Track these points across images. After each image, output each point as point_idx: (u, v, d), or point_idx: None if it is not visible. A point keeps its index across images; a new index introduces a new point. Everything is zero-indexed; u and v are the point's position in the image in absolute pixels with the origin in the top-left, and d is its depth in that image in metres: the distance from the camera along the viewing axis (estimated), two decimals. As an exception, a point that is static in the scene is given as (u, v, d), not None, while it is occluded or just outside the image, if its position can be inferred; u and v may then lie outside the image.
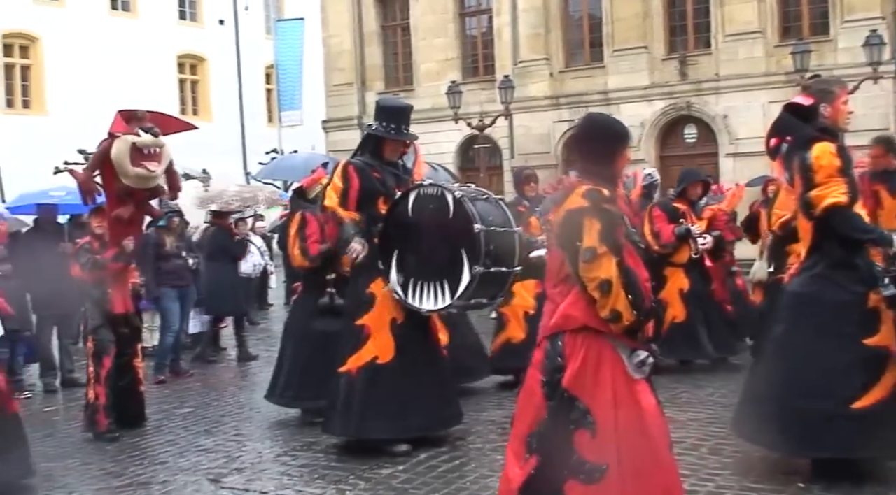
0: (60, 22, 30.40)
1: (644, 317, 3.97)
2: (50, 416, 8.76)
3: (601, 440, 3.91)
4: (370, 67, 27.59)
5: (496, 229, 6.22)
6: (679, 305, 9.05)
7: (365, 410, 6.34)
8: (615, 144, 4.16)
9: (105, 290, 7.57)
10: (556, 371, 4.02)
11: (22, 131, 28.30)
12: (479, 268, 6.06)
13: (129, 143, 6.99)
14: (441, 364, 6.77)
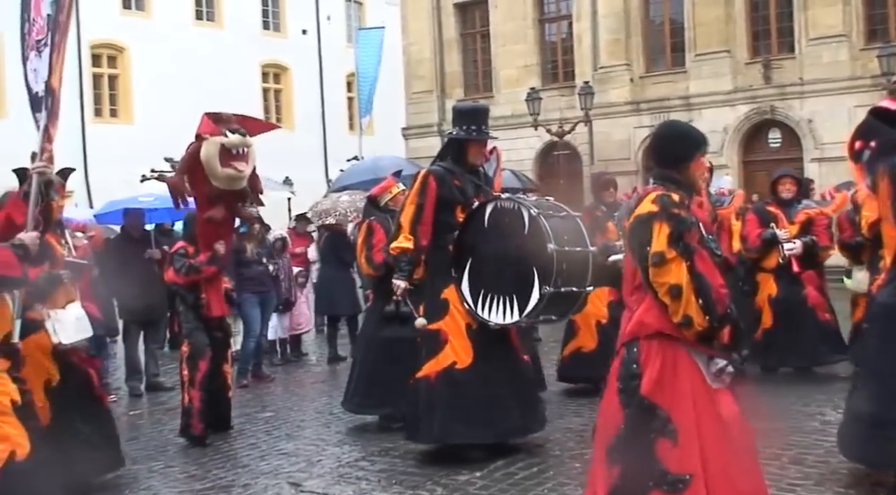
0: (147, 32, 31.16)
1: (718, 323, 3.90)
2: (135, 420, 8.97)
3: (684, 449, 3.86)
4: (450, 75, 27.70)
5: (570, 249, 6.19)
6: (767, 311, 8.86)
7: (447, 415, 6.31)
8: (689, 150, 4.14)
9: (199, 295, 7.70)
10: (631, 378, 3.99)
11: (109, 140, 29.09)
12: (548, 289, 6.05)
13: (218, 144, 7.04)
14: (521, 368, 6.73)
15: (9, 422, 4.50)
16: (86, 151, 29.74)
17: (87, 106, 30.21)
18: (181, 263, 7.64)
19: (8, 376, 4.60)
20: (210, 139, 7.07)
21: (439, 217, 6.51)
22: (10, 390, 4.57)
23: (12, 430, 4.50)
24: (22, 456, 4.50)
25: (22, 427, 4.56)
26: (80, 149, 29.63)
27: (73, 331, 5.98)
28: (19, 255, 4.57)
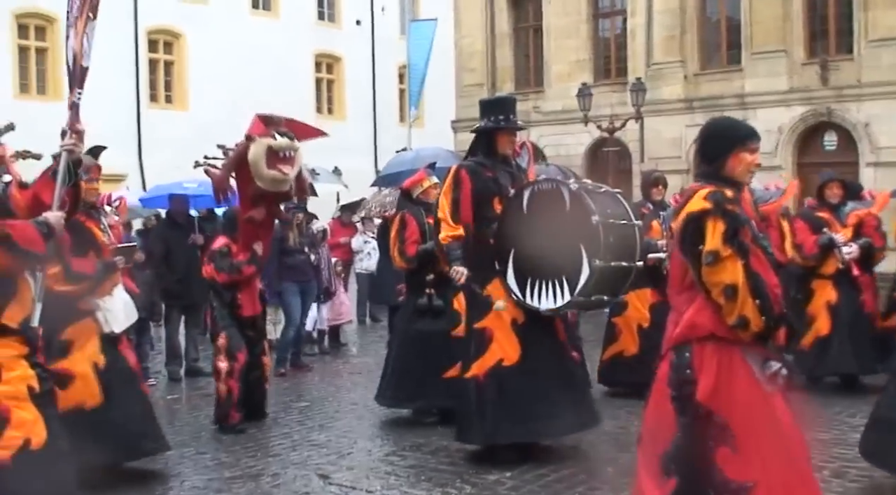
0: (204, 20, 31.37)
1: (774, 324, 3.75)
2: (172, 404, 9.01)
3: (744, 456, 3.72)
4: (501, 68, 27.53)
5: (615, 221, 6.04)
6: (825, 319, 8.61)
7: (498, 415, 6.20)
8: (727, 145, 3.96)
9: (235, 294, 7.71)
10: (685, 384, 3.82)
11: (164, 125, 29.38)
12: (598, 262, 5.89)
13: (266, 146, 7.06)
14: (572, 362, 6.63)
15: (25, 409, 4.47)
16: (140, 136, 30.11)
17: (143, 91, 30.51)
18: (223, 262, 7.64)
19: (27, 362, 4.59)
20: (258, 140, 7.09)
21: (477, 211, 6.41)
22: (27, 376, 4.55)
23: (28, 417, 4.47)
24: (37, 444, 4.47)
25: (39, 414, 4.55)
26: (135, 133, 30.01)
27: (122, 317, 6.08)
28: (43, 233, 4.57)
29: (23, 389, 4.49)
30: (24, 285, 4.61)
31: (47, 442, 4.51)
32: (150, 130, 29.85)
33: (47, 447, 4.51)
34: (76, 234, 5.87)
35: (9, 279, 4.54)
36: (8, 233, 4.41)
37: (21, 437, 4.43)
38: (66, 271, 5.76)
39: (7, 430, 4.40)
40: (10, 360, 4.49)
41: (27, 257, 4.52)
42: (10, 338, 4.49)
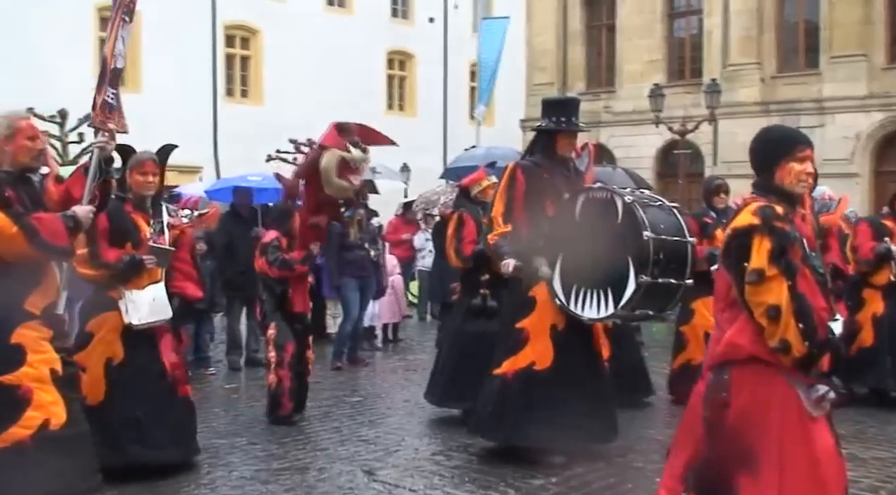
0: (280, 16, 31.69)
1: (818, 350, 3.57)
2: (229, 394, 9.13)
3: (764, 484, 3.59)
4: (572, 67, 27.37)
5: (667, 238, 5.92)
6: (869, 330, 8.40)
7: (518, 416, 6.18)
8: (774, 155, 3.79)
9: (286, 289, 7.78)
10: (719, 407, 3.69)
11: (239, 119, 29.76)
12: (645, 278, 5.79)
13: (339, 157, 7.12)
14: (602, 375, 6.52)
15: (46, 391, 4.59)
16: (216, 130, 30.54)
17: (220, 86, 30.99)
18: (275, 256, 7.70)
19: (50, 345, 4.70)
20: (332, 150, 7.16)
21: (529, 212, 6.36)
22: (51, 359, 4.66)
23: (49, 398, 4.58)
24: (56, 425, 4.58)
25: (60, 397, 4.65)
26: (212, 127, 30.47)
27: (146, 312, 5.95)
28: (69, 226, 4.67)
29: (45, 372, 4.61)
30: (49, 274, 4.73)
31: (67, 423, 4.62)
32: (226, 124, 30.26)
33: (66, 428, 4.62)
34: (117, 224, 5.94)
35: (34, 268, 4.66)
36: (35, 226, 4.52)
37: (41, 418, 4.55)
38: (93, 255, 5.82)
39: (28, 411, 4.53)
40: (34, 343, 4.62)
41: (51, 249, 4.61)
42: (34, 322, 4.61)
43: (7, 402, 4.53)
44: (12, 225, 4.46)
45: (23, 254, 4.53)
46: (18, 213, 4.53)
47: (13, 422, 4.51)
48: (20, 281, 4.60)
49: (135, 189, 6.08)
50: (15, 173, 4.71)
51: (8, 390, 4.54)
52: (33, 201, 4.74)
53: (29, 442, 4.51)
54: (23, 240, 4.48)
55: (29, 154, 4.74)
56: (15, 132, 4.69)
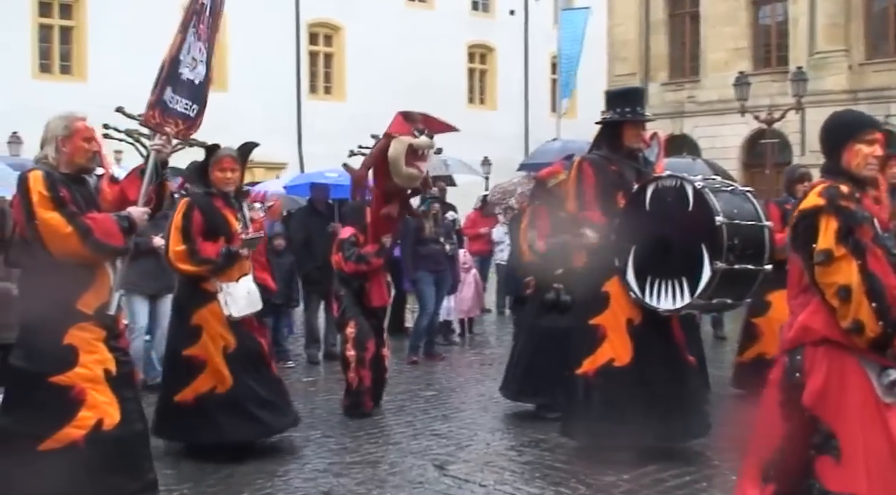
0: (362, 12, 31.96)
1: (893, 330, 3.49)
2: (307, 387, 9.21)
3: (847, 467, 3.51)
4: (655, 57, 26.97)
5: (741, 222, 5.75)
6: None
7: (603, 415, 6.07)
8: (841, 138, 3.73)
9: (363, 284, 7.82)
10: (793, 388, 3.65)
11: (322, 116, 30.14)
12: (720, 265, 5.64)
13: (407, 144, 7.14)
14: (685, 369, 6.38)
15: (99, 391, 4.65)
16: (300, 126, 31.02)
17: (304, 83, 31.43)
18: (351, 252, 7.75)
19: (104, 346, 4.77)
20: (399, 138, 7.18)
21: (600, 205, 6.25)
22: (104, 359, 4.72)
23: (102, 399, 4.64)
24: (110, 425, 4.64)
25: (114, 397, 4.72)
26: (296, 123, 30.96)
27: (243, 304, 6.22)
28: (123, 227, 4.73)
29: (99, 372, 4.67)
30: (102, 275, 4.79)
31: (120, 423, 4.68)
32: (309, 121, 30.69)
33: (120, 428, 4.68)
34: (210, 219, 6.15)
35: (87, 268, 4.73)
36: (89, 225, 4.59)
37: (94, 418, 4.61)
38: (191, 252, 6.03)
39: (81, 411, 4.60)
40: (88, 344, 4.68)
41: (105, 249, 4.68)
42: (87, 323, 4.68)
43: (60, 403, 4.61)
44: (66, 224, 4.54)
45: (76, 254, 4.60)
46: (72, 213, 4.59)
47: (67, 422, 4.59)
48: (73, 281, 4.67)
49: (216, 184, 6.29)
50: (71, 174, 4.78)
51: (61, 390, 4.61)
52: (87, 202, 4.82)
53: (82, 442, 4.59)
54: (76, 239, 4.55)
55: (85, 155, 4.81)
56: (72, 133, 4.76)
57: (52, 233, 4.53)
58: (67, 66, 27.20)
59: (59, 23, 27.21)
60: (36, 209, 4.55)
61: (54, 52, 27.09)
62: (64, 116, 4.84)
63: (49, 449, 4.58)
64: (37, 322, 4.67)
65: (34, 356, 4.68)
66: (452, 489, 5.67)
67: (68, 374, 4.62)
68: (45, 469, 4.58)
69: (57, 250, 4.56)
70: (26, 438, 4.61)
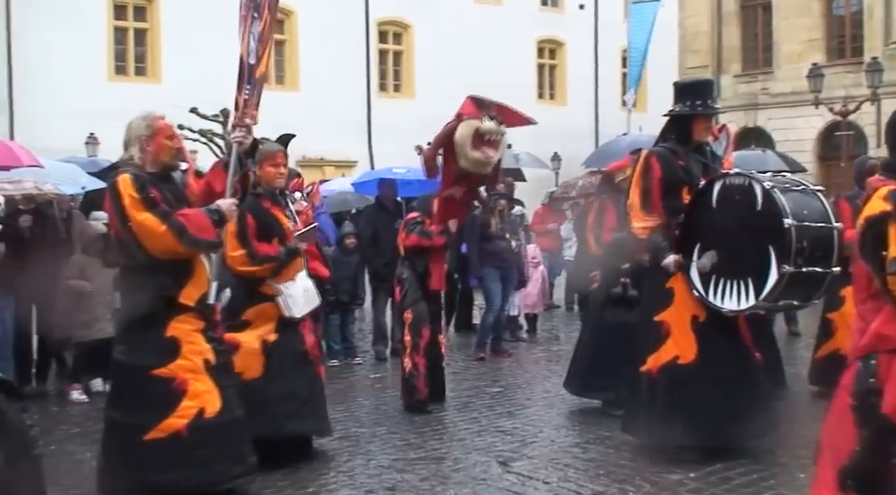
0: (431, 10, 32.07)
1: None
2: (374, 384, 9.29)
3: None
4: (727, 48, 26.53)
5: (810, 224, 5.63)
6: None
7: (667, 413, 5.99)
8: None
9: (427, 265, 7.85)
10: (868, 394, 3.52)
11: (392, 113, 30.33)
12: (788, 268, 5.53)
13: (474, 128, 7.13)
14: (751, 366, 6.28)
15: (200, 380, 4.79)
16: (370, 124, 31.25)
17: (373, 80, 31.65)
18: (414, 226, 7.80)
19: (203, 336, 4.88)
20: (467, 120, 7.18)
21: (665, 200, 6.17)
22: (204, 350, 4.86)
23: (203, 387, 4.79)
24: (211, 413, 4.79)
25: (214, 386, 4.84)
26: (366, 121, 31.20)
27: (303, 303, 6.18)
28: (214, 220, 4.83)
29: (199, 362, 4.81)
30: (199, 266, 4.92)
31: (221, 411, 4.81)
32: (379, 118, 30.89)
33: (221, 416, 4.81)
34: (262, 221, 6.10)
35: (185, 262, 4.86)
36: (182, 222, 4.70)
37: (196, 407, 4.76)
38: (252, 256, 5.98)
39: (183, 401, 4.74)
40: (188, 335, 4.83)
41: (200, 244, 4.78)
42: (187, 315, 4.81)
43: (163, 394, 4.78)
44: (161, 223, 4.67)
45: (173, 251, 4.74)
46: (165, 212, 4.72)
47: (170, 413, 4.76)
48: (173, 276, 4.82)
49: (267, 181, 6.18)
50: (158, 173, 4.90)
51: (163, 382, 4.78)
52: (177, 198, 4.94)
53: (185, 431, 4.75)
54: (172, 237, 4.68)
55: (169, 153, 4.94)
56: (155, 132, 4.89)
57: (148, 234, 4.68)
58: (142, 67, 27.79)
59: (134, 25, 27.80)
60: (129, 212, 4.69)
61: (129, 54, 27.70)
62: (145, 116, 4.97)
63: (154, 439, 4.76)
64: (140, 317, 4.86)
65: (137, 350, 4.88)
66: (516, 486, 5.66)
67: (170, 366, 4.79)
68: (151, 458, 4.76)
69: (154, 249, 4.71)
70: (132, 429, 4.80)
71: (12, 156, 8.18)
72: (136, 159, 4.89)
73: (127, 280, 5.02)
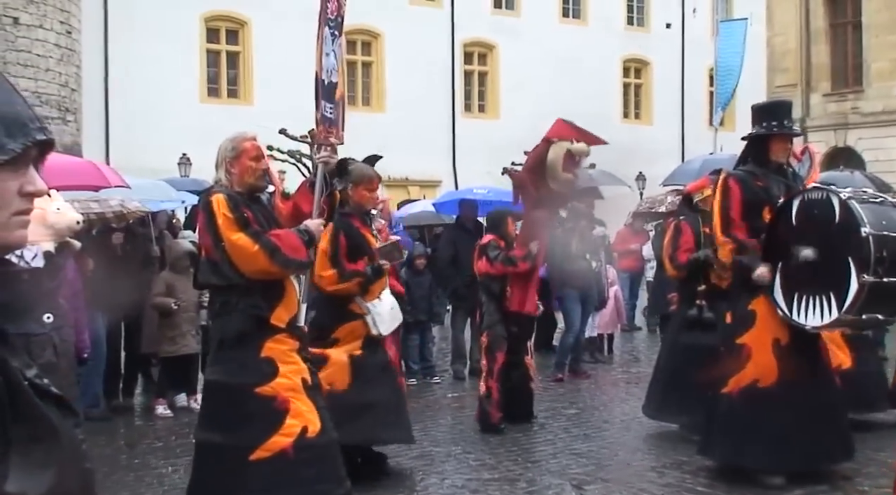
0: (516, 30, 32.14)
1: None
2: (451, 403, 9.33)
3: None
4: (816, 67, 26.02)
5: (890, 234, 5.51)
6: None
7: (744, 436, 5.94)
8: None
9: (505, 287, 7.87)
10: None
11: (476, 134, 30.43)
12: (867, 278, 5.42)
13: (566, 149, 7.20)
14: (831, 391, 6.16)
15: (300, 400, 4.81)
16: (454, 144, 31.39)
17: (458, 101, 31.82)
18: (496, 253, 7.82)
19: (298, 356, 4.95)
20: (559, 143, 7.23)
21: (746, 222, 6.10)
22: (301, 369, 4.89)
23: (304, 407, 4.81)
24: (313, 433, 4.80)
25: (313, 405, 4.89)
26: (450, 141, 31.36)
27: (389, 321, 6.28)
28: (304, 240, 4.90)
29: (298, 381, 4.84)
30: (290, 288, 4.98)
31: (321, 431, 4.84)
32: (464, 138, 31.01)
33: (321, 436, 4.84)
34: (353, 241, 6.21)
35: (277, 283, 4.90)
36: (275, 243, 4.77)
37: (299, 425, 4.77)
38: (342, 274, 6.07)
39: (287, 419, 4.76)
40: (285, 355, 4.86)
41: (292, 264, 4.86)
42: (281, 335, 4.87)
43: (266, 413, 4.76)
44: (253, 244, 4.70)
45: (265, 271, 4.77)
46: (257, 232, 4.77)
47: (275, 431, 4.74)
48: (264, 297, 4.86)
49: (361, 204, 6.30)
50: (244, 193, 4.97)
51: (266, 401, 4.77)
52: (267, 219, 4.99)
53: (291, 450, 4.74)
54: (264, 257, 4.71)
55: (253, 174, 4.96)
56: (240, 154, 4.94)
57: (241, 254, 4.71)
58: (234, 89, 28.46)
59: (226, 48, 28.52)
60: (223, 231, 4.73)
61: (222, 76, 28.41)
62: (232, 138, 5.03)
63: (259, 458, 4.71)
64: (233, 338, 4.86)
65: (235, 370, 4.85)
66: (588, 509, 5.67)
67: (271, 385, 4.78)
68: (255, 479, 4.73)
69: (247, 269, 4.73)
70: (234, 451, 4.75)
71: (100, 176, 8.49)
72: (224, 181, 4.95)
73: (219, 301, 5.01)
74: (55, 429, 1.20)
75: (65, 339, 5.31)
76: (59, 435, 1.20)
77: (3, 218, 1.26)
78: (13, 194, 1.27)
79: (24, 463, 1.15)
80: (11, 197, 1.27)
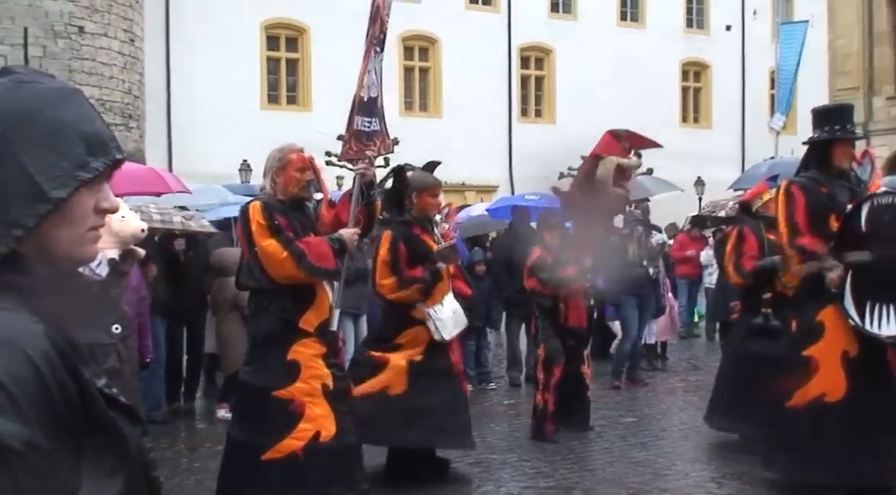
0: (573, 34, 32.02)
1: None
2: (507, 410, 9.33)
3: None
4: (879, 70, 25.49)
5: None
6: None
7: (808, 451, 5.80)
8: None
9: (557, 303, 7.86)
10: None
11: (533, 139, 30.36)
12: None
13: (615, 164, 7.15)
14: None
15: (317, 404, 4.94)
16: (511, 149, 31.38)
17: (515, 106, 31.79)
18: (547, 275, 7.79)
19: (323, 361, 5.04)
20: (609, 158, 7.19)
21: (813, 229, 5.98)
22: (322, 374, 5.01)
23: (320, 412, 4.93)
24: (327, 437, 4.92)
25: (331, 410, 4.98)
26: (507, 146, 31.36)
27: (451, 326, 6.30)
28: (335, 248, 4.99)
29: (317, 386, 4.97)
30: (322, 293, 5.10)
31: (336, 436, 4.95)
32: (521, 143, 30.98)
33: (335, 441, 4.94)
34: (414, 248, 6.23)
35: (307, 288, 5.03)
36: (303, 250, 4.88)
37: (312, 430, 4.91)
38: (402, 281, 6.11)
39: (301, 423, 4.90)
40: (309, 359, 5.00)
41: (318, 271, 4.95)
42: (308, 340, 4.99)
43: (281, 415, 4.94)
44: (282, 250, 4.87)
45: (292, 277, 4.92)
46: (288, 239, 4.91)
47: (287, 434, 4.91)
48: (295, 301, 5.01)
49: (424, 210, 6.34)
50: (287, 202, 5.10)
51: (281, 403, 4.95)
52: (305, 227, 5.12)
53: (301, 453, 4.90)
54: (291, 263, 4.86)
55: (297, 184, 5.10)
56: (285, 165, 5.09)
57: (270, 259, 4.88)
58: (293, 96, 28.77)
59: (286, 56, 28.83)
60: (255, 237, 4.92)
61: (281, 83, 28.75)
62: (280, 149, 5.18)
63: (271, 458, 4.91)
64: (263, 339, 5.08)
65: (260, 371, 5.07)
66: (645, 518, 5.63)
67: (289, 389, 4.95)
68: (266, 478, 4.93)
69: (276, 274, 4.91)
70: (250, 449, 4.98)
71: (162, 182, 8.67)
72: (268, 188, 5.11)
73: (253, 302, 5.23)
74: (124, 439, 1.23)
75: (129, 346, 5.43)
76: (128, 444, 1.24)
77: (79, 233, 1.30)
78: (90, 211, 1.30)
79: (95, 473, 1.19)
80: (88, 213, 1.30)
